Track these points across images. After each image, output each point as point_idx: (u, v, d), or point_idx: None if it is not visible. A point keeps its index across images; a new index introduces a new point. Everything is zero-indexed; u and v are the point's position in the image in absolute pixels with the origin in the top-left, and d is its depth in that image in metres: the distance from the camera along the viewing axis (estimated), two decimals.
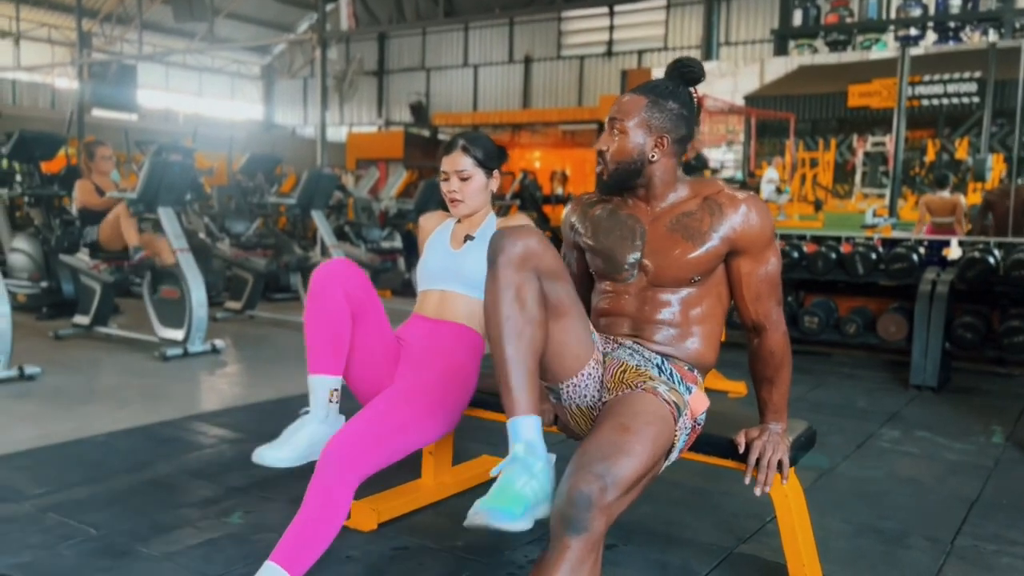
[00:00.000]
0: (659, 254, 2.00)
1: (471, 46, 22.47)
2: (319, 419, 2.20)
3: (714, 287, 2.03)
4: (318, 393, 2.20)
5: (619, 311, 2.06)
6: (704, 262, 1.98)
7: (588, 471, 1.60)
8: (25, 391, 4.20)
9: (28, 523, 2.49)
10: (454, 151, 2.46)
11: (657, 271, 2.00)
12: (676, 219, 2.00)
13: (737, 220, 1.96)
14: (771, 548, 2.46)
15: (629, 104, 1.98)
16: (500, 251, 1.76)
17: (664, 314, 2.01)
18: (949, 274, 5.02)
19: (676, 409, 1.87)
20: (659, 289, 2.02)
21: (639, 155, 1.97)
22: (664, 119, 1.96)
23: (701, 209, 1.99)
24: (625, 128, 1.97)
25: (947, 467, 3.38)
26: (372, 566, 2.30)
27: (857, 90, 9.25)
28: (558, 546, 1.56)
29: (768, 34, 17.70)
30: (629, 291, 2.05)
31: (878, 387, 4.90)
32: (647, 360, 1.98)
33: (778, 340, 2.04)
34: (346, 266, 2.26)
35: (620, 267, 2.04)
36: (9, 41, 22.10)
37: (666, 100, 1.97)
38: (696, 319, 2.02)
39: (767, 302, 2.02)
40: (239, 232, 7.37)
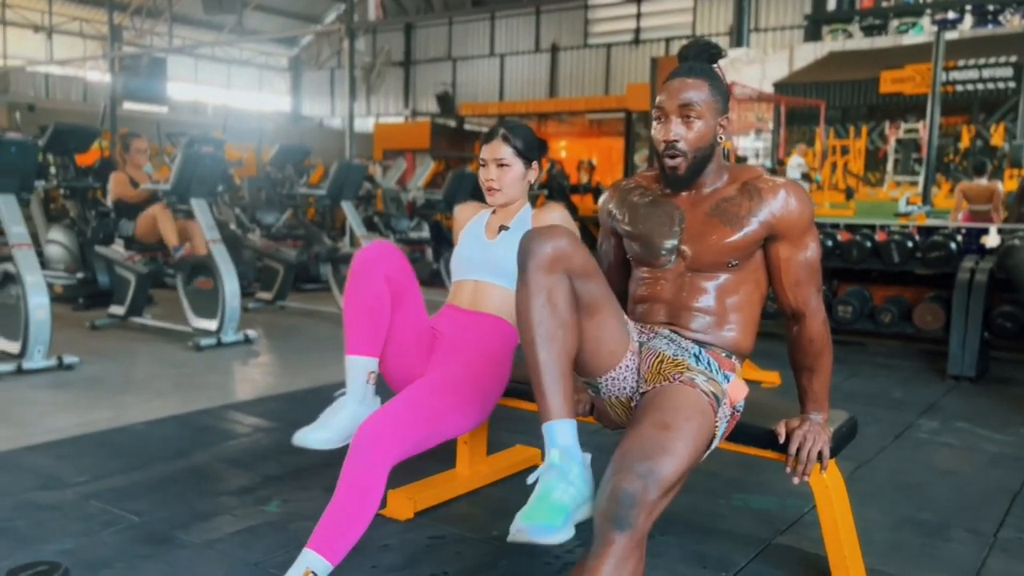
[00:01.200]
0: (697, 239, 1.98)
1: (497, 35, 22.42)
2: (357, 399, 2.19)
3: (752, 273, 2.01)
4: (356, 374, 2.19)
5: (656, 297, 2.04)
6: (742, 247, 1.96)
7: (631, 470, 1.59)
8: (64, 380, 4.27)
9: (71, 510, 2.53)
10: (494, 139, 2.46)
11: (695, 256, 1.99)
12: (715, 204, 1.98)
13: (776, 205, 1.94)
14: (810, 539, 2.44)
15: (696, 88, 1.93)
16: (529, 254, 1.74)
17: (701, 301, 2.00)
18: (988, 262, 4.93)
19: (715, 400, 1.85)
20: (696, 275, 2.00)
21: (714, 138, 1.96)
22: (723, 100, 1.96)
23: (740, 194, 1.97)
24: (703, 112, 1.92)
25: (988, 459, 3.33)
26: (409, 555, 2.31)
27: (889, 76, 9.10)
28: (603, 542, 1.56)
29: (797, 20, 17.49)
30: (666, 277, 2.03)
31: (914, 377, 4.83)
32: (684, 349, 1.96)
33: (817, 328, 2.01)
34: (388, 248, 2.26)
35: (658, 252, 2.03)
36: (42, 35, 22.42)
37: (716, 80, 1.95)
38: (733, 306, 2.00)
39: (806, 288, 2.00)
40: (270, 223, 7.42)
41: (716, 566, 2.29)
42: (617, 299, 2.25)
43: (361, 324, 2.19)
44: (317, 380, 4.41)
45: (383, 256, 2.23)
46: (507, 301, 2.43)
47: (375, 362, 2.22)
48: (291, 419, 3.63)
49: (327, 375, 4.51)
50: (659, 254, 2.03)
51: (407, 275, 2.29)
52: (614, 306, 1.89)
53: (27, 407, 3.78)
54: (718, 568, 2.28)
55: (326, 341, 5.67)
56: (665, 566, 2.26)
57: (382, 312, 2.21)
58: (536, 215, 2.48)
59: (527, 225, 2.46)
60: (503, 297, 2.44)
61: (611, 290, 1.90)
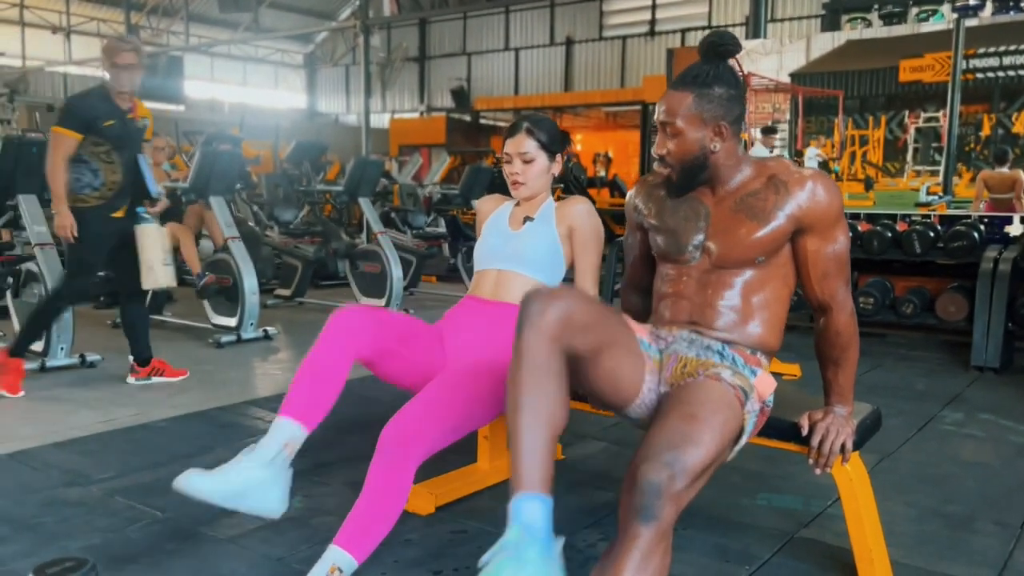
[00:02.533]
0: (723, 235, 1.97)
1: (512, 29, 22.37)
2: (262, 462, 2.00)
3: (779, 268, 1.99)
4: (275, 436, 2.04)
5: (680, 294, 2.03)
6: (769, 241, 1.94)
7: (657, 460, 1.58)
8: (87, 377, 4.31)
9: (96, 506, 2.56)
10: (518, 133, 2.45)
11: (721, 252, 1.97)
12: (741, 199, 1.97)
13: (803, 197, 1.92)
14: (834, 532, 2.42)
15: (675, 102, 1.92)
16: (529, 323, 1.69)
17: (727, 298, 1.98)
18: (1012, 251, 4.87)
19: (743, 393, 1.84)
20: (722, 272, 1.98)
21: (701, 150, 1.93)
22: (715, 107, 1.90)
23: (766, 188, 1.95)
24: (678, 128, 1.92)
25: (1014, 450, 3.30)
26: (432, 549, 2.32)
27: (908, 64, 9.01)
28: (627, 535, 1.55)
29: (814, 9, 17.33)
30: (691, 274, 2.02)
31: (937, 368, 4.79)
32: (707, 349, 1.95)
33: (845, 321, 2.00)
34: (353, 319, 2.18)
35: (683, 248, 2.02)
36: (60, 36, 22.60)
37: (711, 87, 1.90)
38: (759, 304, 1.98)
39: (834, 281, 1.98)
40: (287, 220, 7.45)
41: (739, 559, 2.28)
42: (643, 294, 2.24)
43: (304, 388, 2.10)
44: None
45: (347, 329, 2.15)
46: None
47: (302, 433, 2.06)
48: None
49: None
50: (685, 250, 2.02)
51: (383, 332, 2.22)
52: (624, 335, 1.86)
53: (51, 404, 3.82)
54: (741, 561, 2.27)
55: None
56: (687, 560, 2.25)
57: (330, 383, 2.11)
58: (560, 206, 2.48)
59: (551, 217, 2.46)
60: (526, 286, 2.41)
61: (618, 317, 1.87)
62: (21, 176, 4.54)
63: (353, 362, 2.17)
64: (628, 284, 2.36)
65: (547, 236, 2.45)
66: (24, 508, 2.53)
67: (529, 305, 1.72)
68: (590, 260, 2.47)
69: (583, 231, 2.45)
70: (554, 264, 2.46)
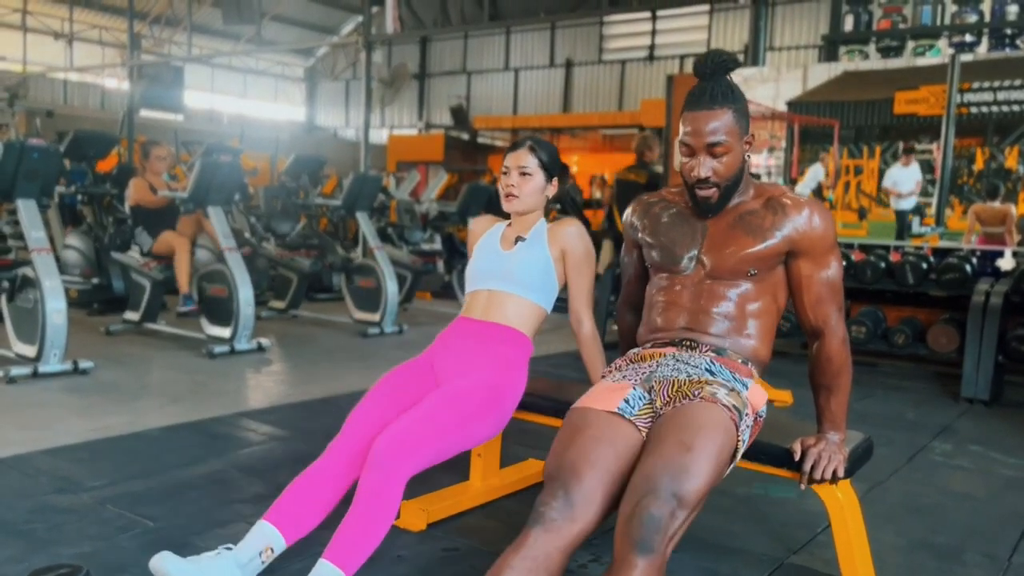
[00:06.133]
0: (718, 248, 2.01)
1: (512, 50, 22.52)
2: (240, 562, 2.03)
3: (771, 286, 2.03)
4: (256, 540, 2.07)
5: (675, 302, 2.06)
6: (763, 257, 1.98)
7: (657, 495, 1.59)
8: (79, 385, 4.30)
9: (87, 514, 2.55)
10: (521, 148, 2.48)
11: (715, 263, 2.01)
12: (739, 217, 2.02)
13: (800, 221, 1.97)
14: (823, 559, 2.43)
15: (720, 121, 1.93)
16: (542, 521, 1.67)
17: (721, 306, 2.02)
18: (1003, 285, 4.91)
19: (736, 413, 1.85)
20: (716, 282, 2.02)
21: (743, 162, 1.99)
22: (746, 120, 1.97)
23: (764, 208, 2.00)
24: (729, 146, 1.94)
25: (1002, 482, 3.31)
26: (422, 567, 2.32)
27: (904, 97, 9.09)
28: (623, 565, 1.55)
29: (811, 39, 17.50)
30: (685, 283, 2.06)
31: (927, 399, 4.81)
32: (695, 367, 1.95)
33: (836, 347, 2.02)
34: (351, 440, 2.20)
35: (678, 259, 2.06)
36: (62, 42, 22.64)
37: (738, 102, 1.96)
38: (752, 313, 2.02)
39: (827, 307, 2.01)
40: (284, 232, 7.46)
41: None
42: (638, 312, 2.26)
43: (297, 499, 2.13)
44: (330, 390, 4.43)
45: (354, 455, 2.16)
46: (522, 310, 2.44)
47: (281, 542, 2.08)
48: (304, 428, 3.66)
49: (340, 385, 4.53)
50: (679, 261, 2.06)
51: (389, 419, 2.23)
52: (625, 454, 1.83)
53: (43, 411, 3.81)
54: None
55: (339, 351, 5.69)
56: None
57: (325, 500, 2.14)
58: (552, 228, 2.49)
59: (543, 238, 2.47)
60: (518, 306, 2.44)
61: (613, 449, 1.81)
62: (20, 181, 4.54)
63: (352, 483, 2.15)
64: (624, 302, 2.38)
65: (539, 257, 2.45)
66: (15, 514, 2.52)
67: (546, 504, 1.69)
68: (584, 282, 2.48)
69: (576, 253, 2.46)
70: (546, 285, 2.47)
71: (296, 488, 2.15)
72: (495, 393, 2.31)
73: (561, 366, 5.15)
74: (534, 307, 2.44)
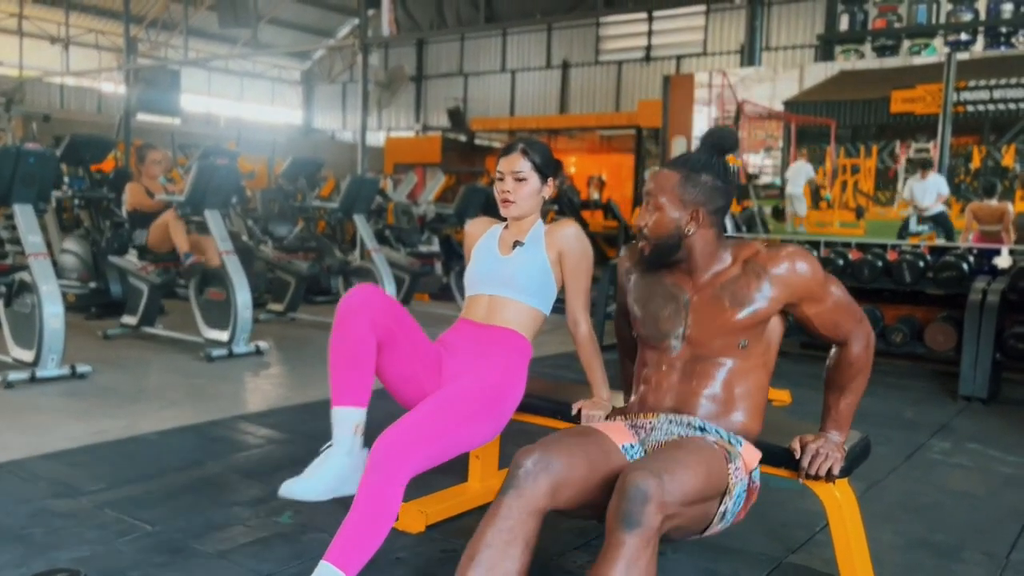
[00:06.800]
0: (704, 324, 1.98)
1: (509, 51, 22.54)
2: (344, 451, 2.15)
3: (761, 356, 2.01)
4: (342, 426, 2.16)
5: (661, 383, 2.03)
6: (752, 325, 1.95)
7: (645, 469, 1.60)
8: (77, 389, 4.30)
9: (86, 518, 2.55)
10: (513, 152, 2.46)
11: (702, 340, 1.98)
12: (721, 287, 1.98)
13: (784, 276, 1.94)
14: (821, 558, 2.44)
15: (663, 180, 1.97)
16: (516, 486, 1.71)
17: (708, 388, 1.98)
18: (1000, 283, 4.92)
19: (726, 452, 1.85)
20: (704, 361, 1.99)
21: (676, 229, 1.95)
22: (698, 193, 1.94)
23: (745, 274, 1.97)
24: (660, 204, 1.95)
25: (1000, 480, 3.32)
26: (421, 568, 2.32)
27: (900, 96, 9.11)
28: (613, 543, 1.56)
29: (808, 39, 17.53)
30: (673, 364, 2.02)
31: (925, 398, 4.82)
32: (688, 426, 1.96)
33: (859, 351, 2.02)
34: (370, 293, 2.23)
35: (665, 335, 2.03)
36: (58, 47, 22.63)
37: (699, 174, 1.95)
38: (741, 394, 1.99)
39: (845, 326, 2.00)
40: (282, 235, 7.46)
41: None
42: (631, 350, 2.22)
43: (346, 374, 2.18)
44: (328, 393, 4.40)
45: (365, 302, 2.19)
46: (521, 315, 2.44)
47: (362, 412, 2.18)
48: (303, 431, 3.66)
49: None
50: (665, 338, 2.03)
51: (393, 315, 2.26)
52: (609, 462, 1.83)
53: (41, 415, 3.80)
54: None
55: None
56: None
57: (367, 360, 2.18)
58: (550, 230, 2.49)
59: (540, 241, 2.46)
60: (517, 311, 2.44)
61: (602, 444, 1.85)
62: (17, 186, 4.54)
63: (375, 331, 2.20)
64: (620, 314, 2.38)
65: (537, 261, 2.45)
66: (13, 519, 2.52)
67: (520, 464, 1.73)
68: (581, 284, 2.48)
69: (573, 255, 2.45)
70: (545, 288, 2.46)
71: (337, 367, 2.20)
72: (495, 394, 2.31)
73: (559, 367, 5.15)
74: (533, 311, 2.45)
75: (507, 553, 1.69)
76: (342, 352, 2.19)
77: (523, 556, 1.71)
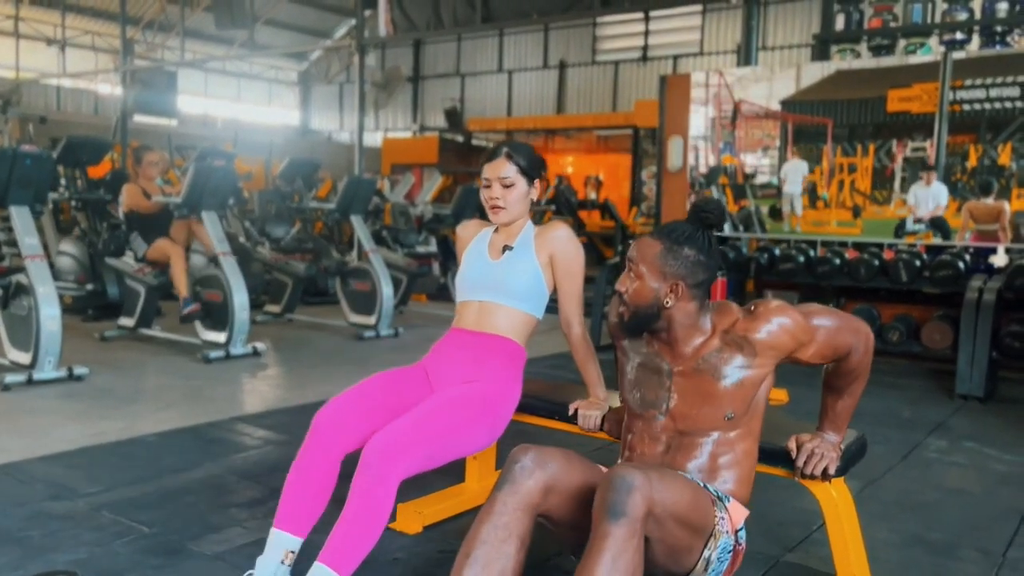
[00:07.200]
0: (688, 398, 1.93)
1: (506, 52, 22.54)
2: None
3: (748, 424, 1.96)
4: (273, 551, 2.11)
5: (645, 454, 2.00)
6: (738, 394, 1.90)
7: (629, 465, 1.61)
8: (74, 391, 4.30)
9: (83, 520, 2.55)
10: (497, 158, 2.41)
11: (687, 415, 1.94)
12: (703, 360, 1.93)
13: (767, 340, 1.89)
14: (818, 557, 2.44)
15: (645, 248, 1.94)
16: (511, 482, 1.71)
17: (694, 461, 1.94)
18: (996, 282, 4.93)
19: (714, 497, 1.83)
20: (689, 435, 1.95)
21: (654, 300, 1.92)
22: (679, 266, 1.90)
23: (726, 345, 1.92)
24: (640, 272, 1.93)
25: (996, 478, 3.33)
26: (418, 568, 2.32)
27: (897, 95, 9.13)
28: (598, 535, 1.56)
29: (804, 39, 17.54)
30: (659, 436, 1.98)
31: (922, 396, 4.83)
32: None
33: (858, 359, 1.99)
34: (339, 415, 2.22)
35: (648, 406, 1.99)
36: (55, 48, 22.60)
37: (681, 246, 1.90)
38: (727, 464, 1.95)
39: (843, 346, 1.96)
40: (279, 236, 7.45)
41: None
42: None
43: (296, 500, 2.15)
44: (325, 393, 4.41)
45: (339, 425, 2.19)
46: (513, 320, 2.41)
47: (298, 542, 2.13)
48: (300, 432, 3.63)
49: (335, 388, 4.50)
50: (651, 407, 1.99)
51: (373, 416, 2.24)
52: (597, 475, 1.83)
53: (38, 417, 3.80)
54: None
55: (334, 355, 5.69)
56: None
57: (322, 492, 2.16)
58: (540, 232, 2.45)
59: (531, 244, 2.43)
60: (509, 317, 2.41)
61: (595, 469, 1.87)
62: (14, 187, 4.54)
63: (342, 459, 2.19)
64: None
65: (527, 266, 2.41)
66: (10, 521, 2.52)
67: (517, 460, 1.74)
68: (573, 286, 2.45)
69: (564, 258, 2.41)
70: (536, 293, 2.43)
71: (292, 488, 2.17)
72: (489, 401, 2.29)
73: (556, 367, 5.16)
74: (525, 316, 2.42)
75: (502, 550, 1.69)
76: (299, 478, 2.18)
77: (518, 553, 1.71)
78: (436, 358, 2.45)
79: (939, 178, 8.13)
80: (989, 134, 8.60)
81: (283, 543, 2.12)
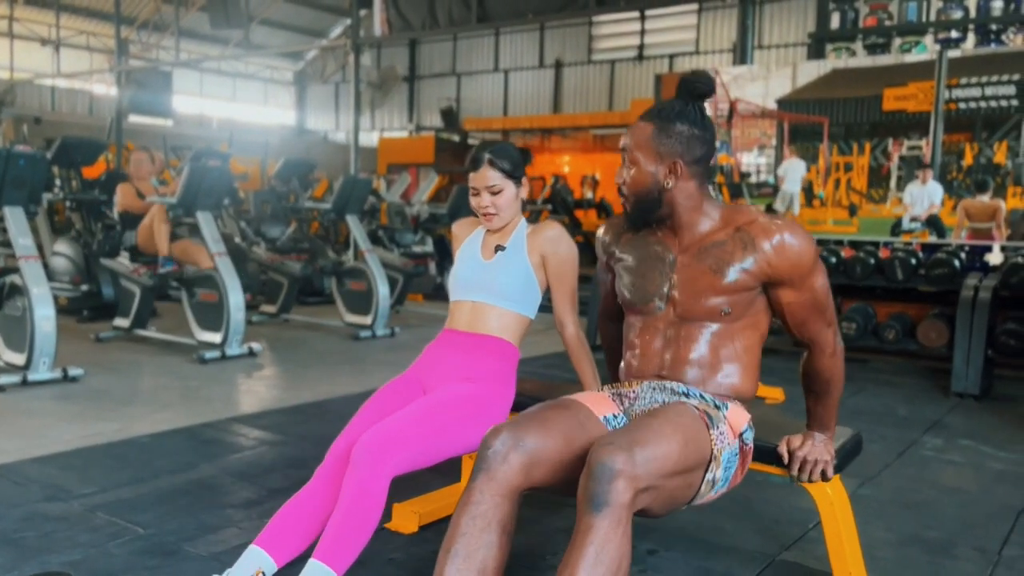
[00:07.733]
0: (688, 286, 1.91)
1: (502, 51, 22.54)
2: None
3: (750, 317, 1.93)
4: (246, 564, 2.06)
5: (648, 348, 1.97)
6: (733, 296, 1.88)
7: (611, 444, 1.55)
8: (69, 392, 4.28)
9: (78, 521, 2.54)
10: (481, 167, 2.38)
11: (686, 304, 1.91)
12: (705, 248, 1.90)
13: (771, 253, 1.85)
14: (814, 555, 2.44)
15: (636, 133, 1.89)
16: (486, 468, 1.68)
17: (694, 352, 1.92)
18: (992, 280, 4.94)
19: (707, 417, 1.80)
20: (689, 324, 1.92)
21: (654, 184, 1.88)
22: (673, 143, 1.85)
23: (733, 240, 1.88)
24: (636, 158, 1.88)
25: (992, 476, 3.33)
26: (414, 568, 2.32)
27: (892, 93, 9.15)
28: (581, 528, 1.52)
29: (800, 37, 17.56)
30: (658, 326, 1.96)
31: (918, 394, 4.83)
32: (672, 393, 1.92)
33: (825, 361, 1.96)
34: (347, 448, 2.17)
35: (649, 298, 1.96)
36: (49, 48, 22.55)
37: (672, 123, 1.85)
38: (729, 356, 1.92)
39: (814, 325, 1.93)
40: (275, 236, 7.44)
41: None
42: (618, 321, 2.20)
43: (286, 523, 2.11)
44: (321, 394, 4.42)
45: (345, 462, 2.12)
46: (505, 321, 2.39)
47: (273, 566, 2.07)
48: (295, 432, 3.65)
49: (331, 388, 4.53)
50: (650, 300, 1.96)
51: None
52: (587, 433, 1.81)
53: (33, 419, 3.79)
54: None
55: (330, 355, 5.68)
56: None
57: (313, 523, 2.12)
58: (532, 232, 2.43)
59: (523, 243, 2.42)
60: (502, 317, 2.39)
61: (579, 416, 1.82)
62: (7, 188, 4.52)
63: None
64: (603, 314, 2.34)
65: (519, 266, 2.39)
66: (4, 522, 2.51)
67: (489, 445, 1.69)
68: (566, 286, 2.43)
69: (556, 258, 2.39)
70: (528, 294, 2.41)
71: (285, 511, 2.14)
72: (481, 401, 2.28)
73: (551, 367, 5.15)
74: (518, 317, 2.41)
75: (482, 540, 1.65)
76: (297, 505, 2.14)
77: (500, 540, 1.67)
78: (429, 359, 2.44)
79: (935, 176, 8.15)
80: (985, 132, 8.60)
81: (258, 561, 2.06)
